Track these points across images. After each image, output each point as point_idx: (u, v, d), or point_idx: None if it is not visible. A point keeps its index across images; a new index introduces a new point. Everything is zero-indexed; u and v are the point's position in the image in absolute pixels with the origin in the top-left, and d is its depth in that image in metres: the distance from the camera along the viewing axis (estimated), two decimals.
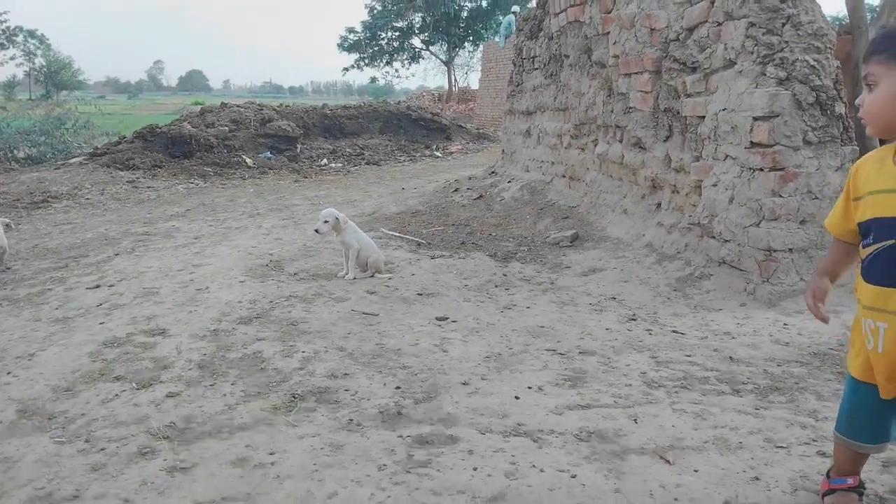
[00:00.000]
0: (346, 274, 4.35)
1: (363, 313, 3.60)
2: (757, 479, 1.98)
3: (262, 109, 13.56)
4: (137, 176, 9.96)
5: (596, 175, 5.71)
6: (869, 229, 1.65)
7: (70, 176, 9.61)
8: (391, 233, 5.83)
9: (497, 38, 23.85)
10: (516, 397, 2.56)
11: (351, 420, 2.38)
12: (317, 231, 4.38)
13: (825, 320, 1.81)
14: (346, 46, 33.27)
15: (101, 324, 3.47)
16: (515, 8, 27.34)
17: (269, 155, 12.09)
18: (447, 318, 3.53)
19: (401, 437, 2.25)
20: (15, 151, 11.78)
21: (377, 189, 9.21)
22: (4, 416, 2.43)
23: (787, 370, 2.82)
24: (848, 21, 4.32)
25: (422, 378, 2.74)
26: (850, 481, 1.83)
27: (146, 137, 11.51)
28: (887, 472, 2.00)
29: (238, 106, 13.68)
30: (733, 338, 3.22)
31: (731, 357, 2.98)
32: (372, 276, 4.37)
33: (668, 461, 2.09)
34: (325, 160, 12.73)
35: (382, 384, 2.68)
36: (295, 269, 4.60)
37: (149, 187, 9.33)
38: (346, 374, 2.79)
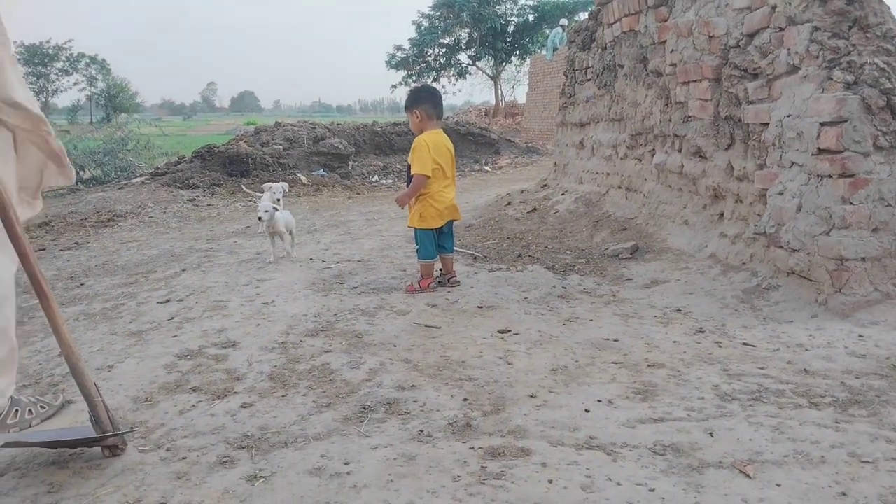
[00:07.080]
0: (271, 257, 5.49)
1: (425, 326, 3.63)
2: (844, 494, 1.92)
3: (314, 128, 13.82)
4: (197, 194, 10.28)
5: (654, 186, 5.63)
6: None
7: (133, 195, 9.97)
8: None
9: (544, 52, 23.83)
10: (586, 410, 2.53)
11: (422, 431, 2.39)
12: (260, 219, 5.28)
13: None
14: (394, 64, 33.77)
15: (173, 337, 3.59)
16: (563, 21, 27.30)
17: (323, 172, 12.31)
18: (509, 331, 3.52)
19: (472, 448, 2.25)
20: (81, 172, 12.24)
21: None
22: None
23: (867, 383, 2.72)
24: None
25: (488, 390, 2.74)
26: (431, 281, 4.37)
27: (204, 157, 11.87)
28: None
29: (291, 125, 13.97)
30: (807, 350, 3.12)
31: (805, 370, 2.89)
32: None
33: (748, 475, 2.04)
34: (376, 177, 12.90)
35: (450, 396, 2.69)
36: (355, 283, 4.66)
37: (208, 205, 9.60)
38: (413, 385, 2.81)
